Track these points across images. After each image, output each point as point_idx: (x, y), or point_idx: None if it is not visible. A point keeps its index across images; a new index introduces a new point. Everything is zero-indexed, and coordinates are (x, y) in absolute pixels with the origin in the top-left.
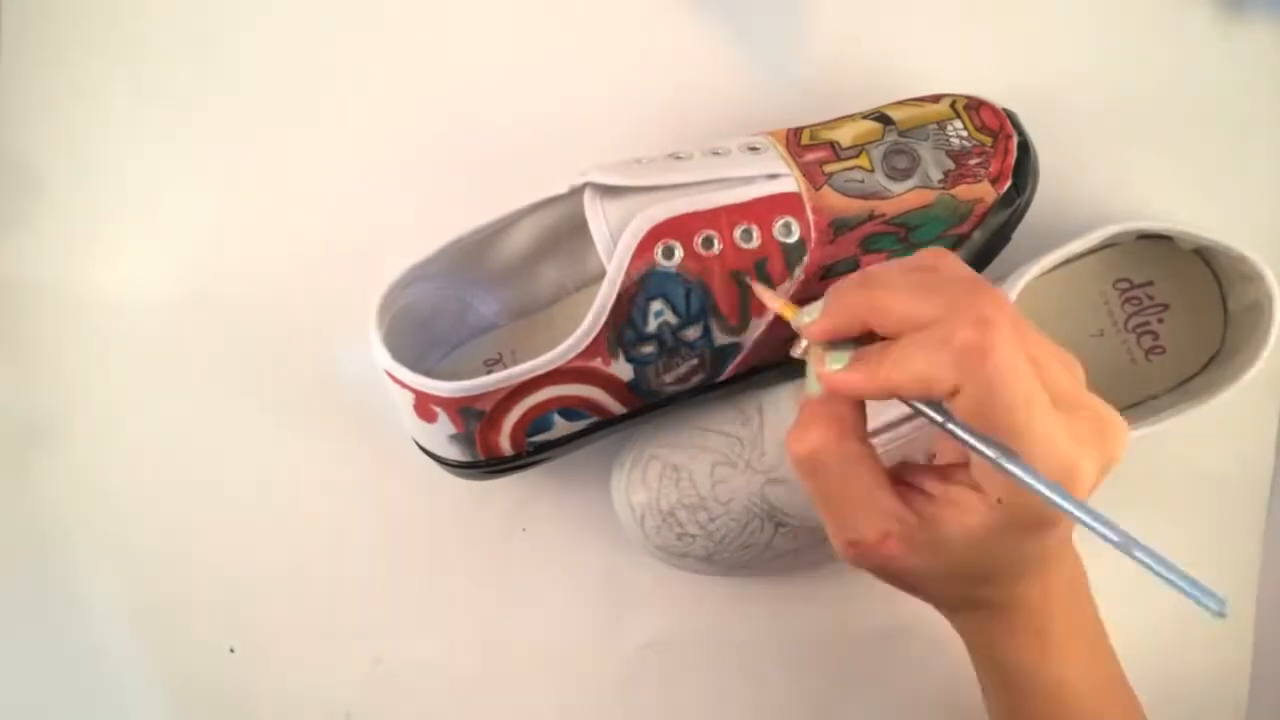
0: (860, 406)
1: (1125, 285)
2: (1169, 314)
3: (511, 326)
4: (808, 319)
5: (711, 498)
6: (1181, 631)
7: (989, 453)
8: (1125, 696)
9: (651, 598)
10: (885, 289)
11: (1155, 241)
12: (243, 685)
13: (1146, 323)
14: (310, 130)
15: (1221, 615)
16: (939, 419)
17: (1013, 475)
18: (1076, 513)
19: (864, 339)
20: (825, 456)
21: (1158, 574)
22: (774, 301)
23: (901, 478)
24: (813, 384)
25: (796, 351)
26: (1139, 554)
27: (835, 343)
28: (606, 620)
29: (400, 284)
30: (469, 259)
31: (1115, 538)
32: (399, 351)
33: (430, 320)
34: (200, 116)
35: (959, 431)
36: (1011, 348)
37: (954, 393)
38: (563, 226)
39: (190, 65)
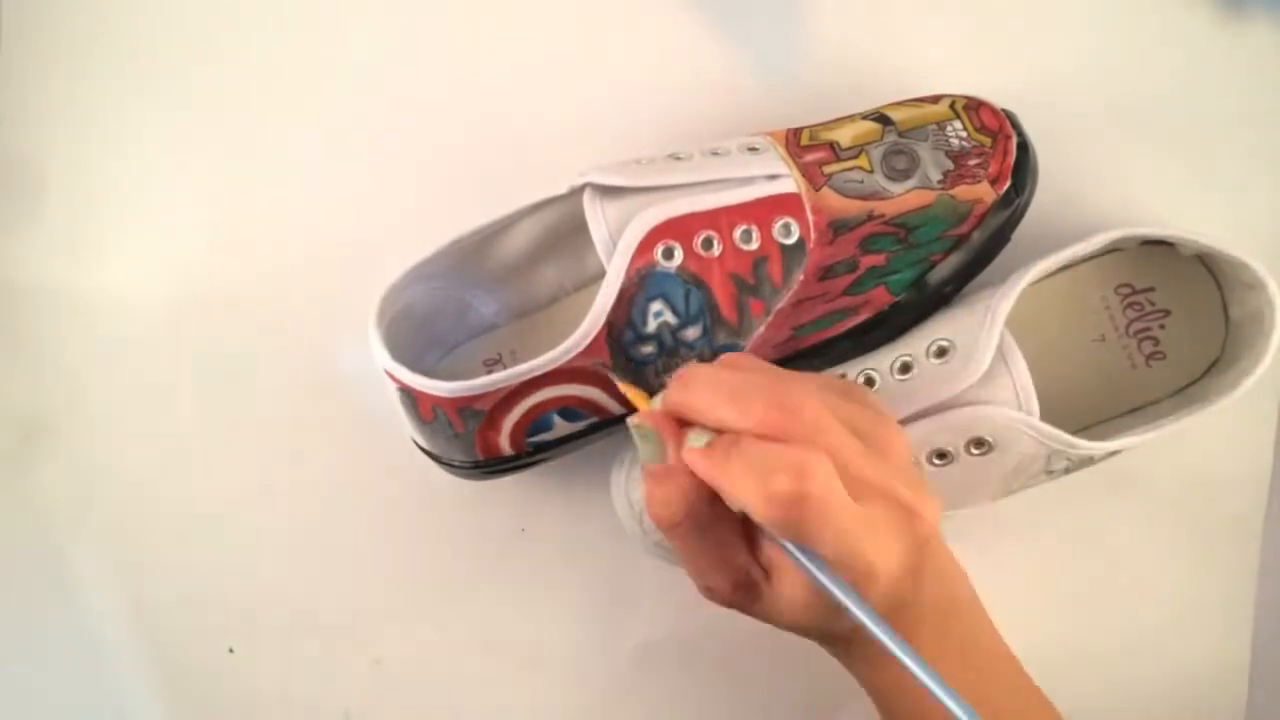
0: None
1: (1127, 290)
2: (1170, 320)
3: (511, 326)
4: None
5: None
6: (1181, 631)
7: (791, 549)
8: (1020, 707)
9: (651, 598)
10: (698, 392)
11: (1157, 247)
12: (243, 685)
13: (1148, 328)
14: (310, 130)
15: None
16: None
17: (808, 572)
18: (860, 615)
19: None
20: (687, 523)
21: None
22: (629, 391)
23: (754, 530)
24: (648, 453)
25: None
26: (909, 662)
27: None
28: (606, 620)
29: (400, 284)
30: (469, 259)
31: (889, 641)
32: (399, 351)
33: (430, 320)
34: (200, 116)
35: (767, 527)
36: (824, 492)
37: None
38: (562, 227)
39: (190, 65)
